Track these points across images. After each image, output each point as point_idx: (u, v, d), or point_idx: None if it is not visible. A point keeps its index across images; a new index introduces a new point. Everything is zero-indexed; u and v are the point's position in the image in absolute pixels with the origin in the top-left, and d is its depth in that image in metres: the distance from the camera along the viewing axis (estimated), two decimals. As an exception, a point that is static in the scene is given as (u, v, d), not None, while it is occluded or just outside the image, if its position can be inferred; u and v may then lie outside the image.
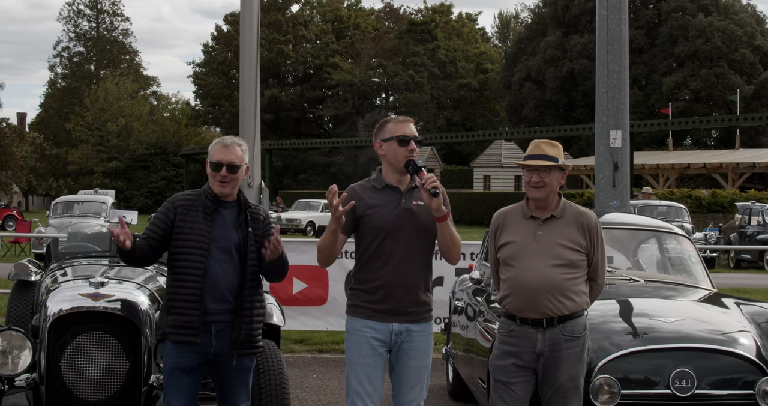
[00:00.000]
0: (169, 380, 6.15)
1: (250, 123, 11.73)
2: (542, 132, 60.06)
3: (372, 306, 5.91)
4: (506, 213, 6.41)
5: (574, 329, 6.09)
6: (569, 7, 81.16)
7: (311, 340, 13.56)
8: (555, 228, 6.17)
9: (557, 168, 6.15)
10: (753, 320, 7.34)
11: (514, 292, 6.13)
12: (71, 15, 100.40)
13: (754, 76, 76.72)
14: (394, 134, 5.95)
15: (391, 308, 5.87)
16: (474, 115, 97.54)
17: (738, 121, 54.78)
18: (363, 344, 5.90)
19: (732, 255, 30.36)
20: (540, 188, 6.15)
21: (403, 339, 5.89)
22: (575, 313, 6.11)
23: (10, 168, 74.38)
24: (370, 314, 5.90)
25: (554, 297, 6.04)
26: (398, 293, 5.86)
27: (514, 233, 6.25)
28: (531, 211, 6.25)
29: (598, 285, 6.29)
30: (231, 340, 6.13)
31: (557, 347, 6.05)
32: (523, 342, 6.11)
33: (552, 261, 6.08)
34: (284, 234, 40.33)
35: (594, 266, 6.20)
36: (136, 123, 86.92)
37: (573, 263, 6.10)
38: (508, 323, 6.23)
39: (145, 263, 6.38)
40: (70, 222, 26.66)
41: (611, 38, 12.99)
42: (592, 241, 6.18)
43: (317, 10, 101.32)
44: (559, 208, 6.22)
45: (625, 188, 13.01)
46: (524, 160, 6.21)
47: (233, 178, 6.18)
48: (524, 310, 6.10)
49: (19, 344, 7.27)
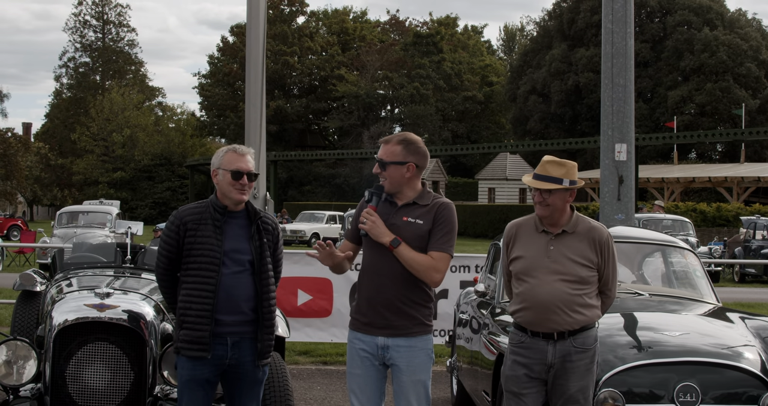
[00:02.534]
0: (184, 392, 6.17)
1: (256, 134, 11.75)
2: (547, 145, 60.03)
3: (358, 318, 6.00)
4: (519, 225, 6.43)
5: (585, 341, 6.15)
6: (575, 20, 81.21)
7: (315, 352, 13.56)
8: (566, 243, 6.20)
9: (562, 189, 6.17)
10: (758, 334, 7.33)
11: (526, 307, 6.17)
12: (77, 25, 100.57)
13: (759, 90, 76.67)
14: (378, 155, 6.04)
15: (372, 321, 5.92)
16: (479, 128, 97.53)
17: (743, 135, 54.69)
18: (354, 355, 6.00)
19: (736, 269, 30.30)
20: (544, 207, 6.19)
21: (392, 354, 5.90)
22: (586, 326, 6.15)
23: (15, 178, 74.45)
24: (358, 327, 5.99)
25: (565, 313, 6.08)
26: (379, 306, 5.89)
27: (526, 247, 6.28)
28: (543, 225, 6.27)
29: (609, 298, 6.34)
30: (255, 351, 6.16)
31: (568, 359, 6.11)
32: (534, 354, 6.16)
33: (563, 277, 6.12)
34: (289, 245, 40.49)
35: (605, 280, 6.24)
36: (141, 134, 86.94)
37: (584, 279, 6.13)
38: (519, 335, 6.27)
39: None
40: (74, 232, 26.81)
41: (617, 52, 13.01)
42: (604, 256, 6.21)
43: (323, 22, 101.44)
44: (571, 223, 6.25)
45: (630, 202, 13.01)
46: (528, 179, 6.24)
47: (251, 186, 6.22)
48: (535, 324, 6.15)
49: (24, 354, 7.28)
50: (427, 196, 6.07)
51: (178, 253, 6.13)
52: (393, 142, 6.02)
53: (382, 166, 5.96)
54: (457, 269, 12.76)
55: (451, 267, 12.62)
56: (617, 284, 6.45)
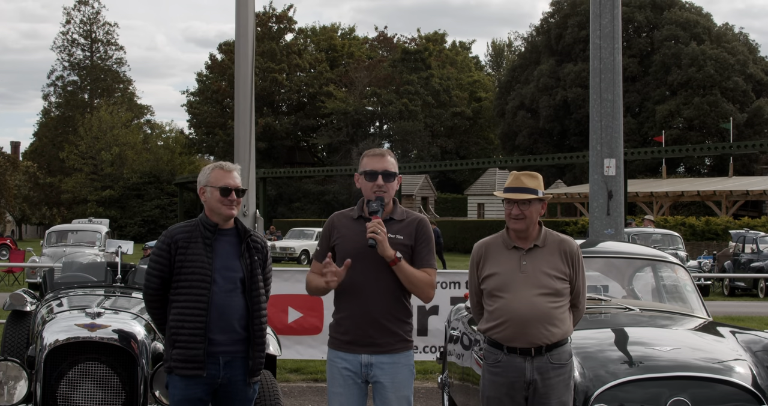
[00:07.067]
0: (177, 412, 6.14)
1: (245, 151, 11.76)
2: (536, 160, 60.12)
3: (340, 337, 5.97)
4: (487, 244, 6.45)
5: (560, 356, 6.16)
6: (562, 35, 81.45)
7: (306, 369, 13.53)
8: (539, 257, 6.23)
9: (537, 200, 6.21)
10: (748, 348, 7.33)
11: (503, 321, 6.16)
12: (65, 44, 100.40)
13: (746, 104, 76.93)
14: (365, 169, 5.99)
15: (356, 339, 5.90)
16: (468, 144, 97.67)
17: (731, 148, 54.92)
18: (335, 375, 5.96)
19: (726, 283, 30.34)
20: (520, 220, 6.22)
21: (375, 372, 5.90)
22: (561, 341, 6.17)
23: (3, 197, 74.37)
24: (339, 345, 5.96)
25: (543, 326, 6.10)
26: (363, 324, 5.88)
27: (498, 264, 6.29)
28: (513, 241, 6.30)
29: (579, 311, 6.37)
30: (246, 369, 6.14)
31: (546, 376, 6.11)
32: (512, 372, 6.15)
33: (539, 290, 6.14)
34: (278, 263, 40.41)
35: (576, 292, 6.29)
36: (129, 152, 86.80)
37: (558, 292, 6.17)
38: (495, 353, 6.25)
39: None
40: (64, 251, 26.72)
41: (605, 67, 13.05)
42: (574, 268, 6.26)
43: (311, 39, 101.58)
44: (541, 237, 6.29)
45: (619, 216, 13.03)
46: (504, 193, 6.26)
47: (239, 201, 6.22)
48: (514, 339, 6.14)
49: (14, 375, 7.26)
50: (400, 211, 6.07)
51: (170, 272, 6.11)
52: (387, 154, 6.06)
53: (388, 177, 5.96)
54: (447, 285, 12.75)
55: (442, 283, 12.64)
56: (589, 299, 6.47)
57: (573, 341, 6.37)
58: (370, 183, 5.94)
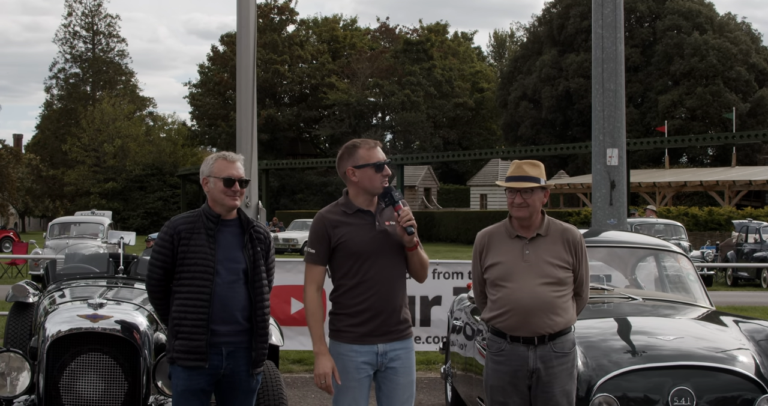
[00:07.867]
0: (180, 403, 6.12)
1: (247, 143, 11.75)
2: (538, 151, 60.11)
3: (356, 330, 5.90)
4: (490, 233, 6.44)
5: (564, 345, 6.16)
6: (564, 25, 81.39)
7: (309, 360, 13.52)
8: (541, 246, 6.22)
9: (540, 188, 6.20)
10: (752, 337, 7.33)
11: (507, 311, 6.15)
12: (67, 36, 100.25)
13: (749, 93, 76.86)
14: (368, 161, 5.96)
15: (375, 330, 5.89)
16: (470, 134, 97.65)
17: (734, 138, 54.85)
18: (349, 368, 5.90)
19: (729, 273, 30.33)
20: (523, 208, 6.21)
21: (390, 358, 5.91)
22: (564, 330, 6.16)
23: (6, 189, 74.35)
24: (354, 339, 5.90)
25: (546, 315, 6.09)
26: (383, 315, 5.89)
27: (501, 253, 6.28)
28: (516, 230, 6.29)
29: (582, 300, 6.37)
30: (249, 360, 6.14)
31: (549, 365, 6.11)
32: (515, 360, 6.15)
33: (542, 279, 6.13)
34: (281, 254, 40.43)
35: (579, 281, 6.28)
36: (132, 144, 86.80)
37: (561, 281, 6.16)
38: (498, 342, 6.25)
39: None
40: (67, 243, 26.71)
41: (607, 57, 13.03)
42: (578, 256, 6.25)
43: (313, 30, 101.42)
44: (544, 226, 6.28)
45: (622, 206, 13.02)
46: (506, 182, 6.26)
47: (242, 192, 6.21)
48: (517, 328, 6.14)
49: (17, 366, 7.26)
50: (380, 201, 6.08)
51: (173, 263, 6.08)
52: (380, 144, 6.08)
53: (392, 167, 6.01)
54: (450, 275, 12.75)
55: (444, 274, 12.64)
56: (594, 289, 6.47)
57: (576, 330, 6.37)
58: (379, 174, 5.94)
